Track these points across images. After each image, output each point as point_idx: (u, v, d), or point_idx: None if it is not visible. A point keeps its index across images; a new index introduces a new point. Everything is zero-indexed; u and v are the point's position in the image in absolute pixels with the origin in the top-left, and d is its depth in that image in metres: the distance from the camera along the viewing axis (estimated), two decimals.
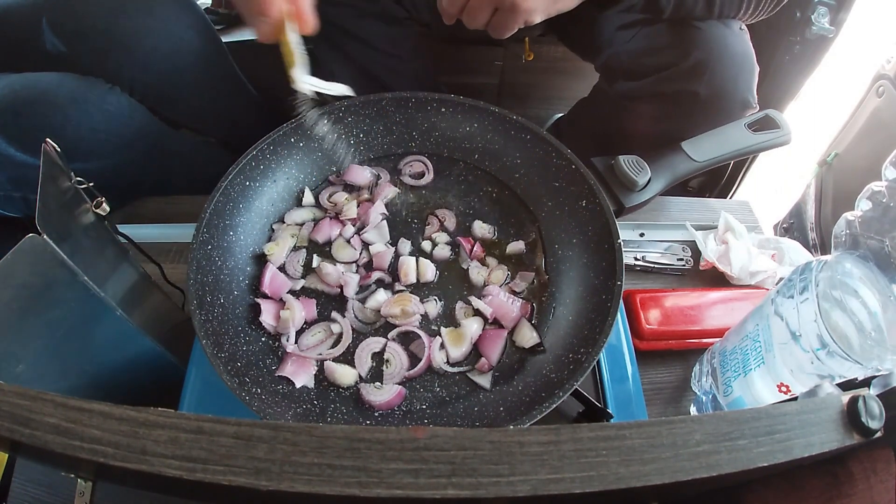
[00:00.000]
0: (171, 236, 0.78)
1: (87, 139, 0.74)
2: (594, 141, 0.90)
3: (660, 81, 0.71)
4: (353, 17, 0.80)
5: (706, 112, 0.71)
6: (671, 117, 0.74)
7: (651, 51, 0.73)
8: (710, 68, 0.68)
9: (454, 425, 0.49)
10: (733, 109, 0.71)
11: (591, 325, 0.52)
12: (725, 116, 0.71)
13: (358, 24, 0.80)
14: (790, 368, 0.49)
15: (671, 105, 0.72)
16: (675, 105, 0.72)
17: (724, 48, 0.68)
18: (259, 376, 0.50)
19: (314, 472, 0.22)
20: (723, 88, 0.69)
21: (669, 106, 0.73)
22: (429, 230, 0.62)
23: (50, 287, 0.42)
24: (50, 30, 0.74)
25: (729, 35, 0.69)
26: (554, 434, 0.24)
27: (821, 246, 0.98)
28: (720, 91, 0.69)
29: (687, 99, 0.70)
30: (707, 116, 0.71)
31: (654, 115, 0.75)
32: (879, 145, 0.89)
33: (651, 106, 0.75)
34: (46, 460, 0.36)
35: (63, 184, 0.47)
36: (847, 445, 0.26)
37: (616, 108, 0.82)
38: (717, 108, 0.70)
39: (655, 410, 0.65)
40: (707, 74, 0.68)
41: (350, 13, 0.79)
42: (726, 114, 0.71)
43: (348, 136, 0.65)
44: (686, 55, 0.68)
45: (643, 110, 0.76)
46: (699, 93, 0.69)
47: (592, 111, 0.91)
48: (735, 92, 0.70)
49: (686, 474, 0.23)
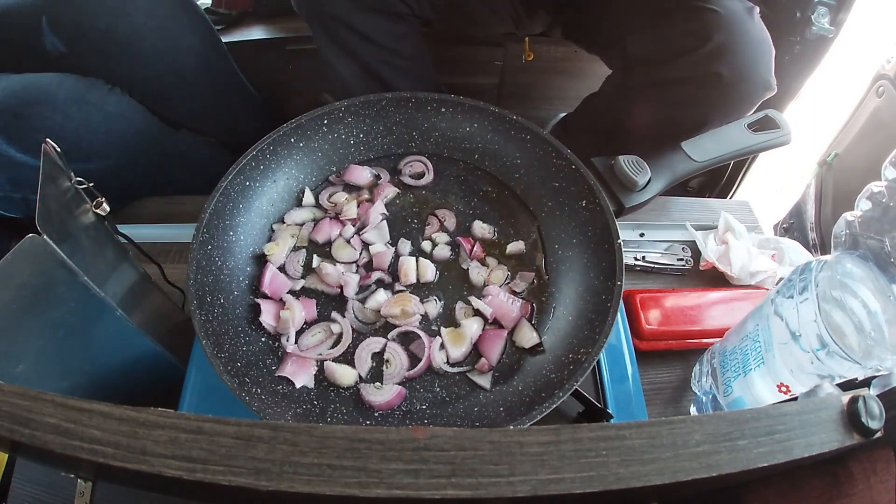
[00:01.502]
0: (171, 236, 0.78)
1: (87, 139, 0.74)
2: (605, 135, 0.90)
3: (682, 66, 0.72)
4: (354, 10, 0.80)
5: (729, 95, 0.71)
6: (695, 102, 0.74)
7: (670, 36, 0.74)
8: (732, 50, 0.69)
9: (454, 425, 0.49)
10: (756, 91, 0.71)
11: (591, 325, 0.52)
12: (748, 99, 0.72)
13: (359, 17, 0.80)
14: (790, 368, 0.49)
15: (694, 89, 0.73)
16: (698, 88, 0.72)
17: (744, 31, 0.69)
18: (259, 376, 0.50)
19: (314, 473, 0.22)
20: (745, 71, 0.70)
21: (692, 90, 0.73)
22: (429, 230, 0.62)
23: (50, 287, 0.42)
24: (50, 30, 0.74)
25: (748, 19, 0.70)
26: (554, 434, 0.24)
27: (821, 246, 0.98)
28: (743, 73, 0.70)
29: (711, 81, 0.70)
30: (730, 99, 0.72)
31: (677, 100, 0.75)
32: (879, 145, 0.89)
33: (673, 92, 0.75)
34: (46, 460, 0.36)
35: (63, 184, 0.47)
36: (847, 445, 0.26)
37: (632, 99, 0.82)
38: (740, 90, 0.71)
39: (655, 410, 0.65)
40: (728, 56, 0.69)
41: (352, 6, 0.79)
42: (749, 96, 0.72)
43: (348, 136, 0.65)
44: (707, 38, 0.69)
45: (665, 97, 0.76)
46: (723, 74, 0.69)
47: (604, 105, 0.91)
48: (756, 74, 0.70)
49: (686, 474, 0.23)
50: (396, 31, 0.84)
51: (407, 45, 0.87)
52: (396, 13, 0.83)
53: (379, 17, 0.82)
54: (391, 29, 0.84)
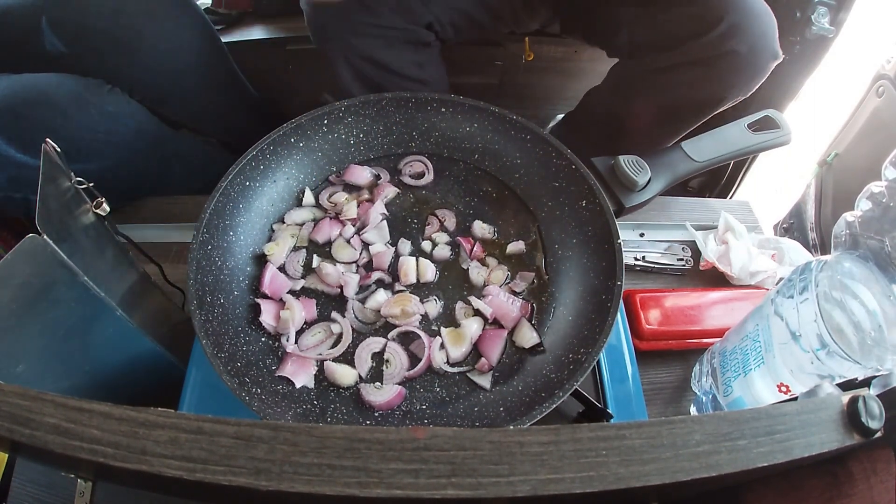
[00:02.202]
0: (171, 236, 0.78)
1: (87, 139, 0.74)
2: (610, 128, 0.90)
3: (693, 49, 0.73)
4: (382, 48, 0.81)
5: (745, 70, 0.73)
6: (709, 81, 0.75)
7: (677, 21, 0.75)
8: (745, 27, 0.70)
9: (454, 425, 0.49)
10: (767, 62, 0.73)
11: (591, 325, 0.52)
12: (760, 71, 0.73)
13: (386, 52, 0.82)
14: (790, 368, 0.49)
15: (710, 68, 0.74)
16: (714, 67, 0.73)
17: (751, 6, 0.71)
18: (259, 376, 0.50)
19: (314, 472, 0.22)
20: (757, 44, 0.71)
21: (706, 70, 0.74)
22: (429, 230, 0.62)
23: (50, 287, 0.42)
24: (50, 30, 0.74)
25: None
26: (554, 434, 0.24)
27: (821, 246, 0.98)
28: (755, 47, 0.71)
29: (727, 59, 0.72)
30: (745, 74, 0.73)
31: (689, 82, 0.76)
32: (879, 145, 0.89)
33: (685, 74, 0.76)
34: (46, 460, 0.35)
35: (63, 184, 0.47)
36: (847, 445, 0.26)
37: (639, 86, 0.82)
38: (754, 63, 0.72)
39: (655, 410, 0.65)
40: (742, 34, 0.70)
41: (379, 44, 0.80)
42: (761, 68, 0.73)
43: (348, 136, 0.65)
44: (719, 19, 0.70)
45: (676, 80, 0.77)
46: (739, 52, 0.71)
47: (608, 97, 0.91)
48: (767, 45, 0.72)
49: (686, 474, 0.23)
50: (420, 59, 0.86)
51: (430, 71, 0.89)
52: (423, 42, 0.84)
53: (406, 49, 0.83)
54: (416, 59, 0.85)
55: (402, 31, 0.81)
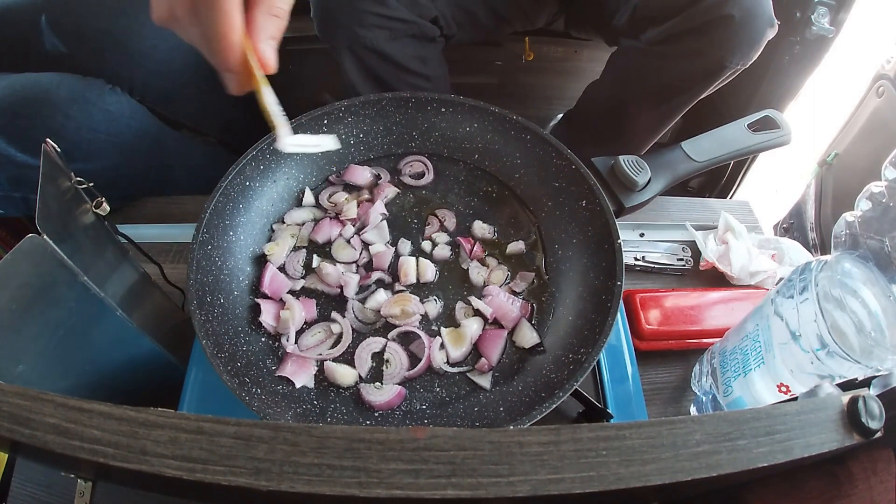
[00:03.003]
0: (171, 236, 0.78)
1: (87, 139, 0.74)
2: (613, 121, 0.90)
3: (692, 16, 0.73)
4: (388, 40, 0.81)
5: (741, 35, 0.72)
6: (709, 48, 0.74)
7: None
8: None
9: (454, 425, 0.49)
10: (763, 28, 0.73)
11: (591, 325, 0.52)
12: (757, 37, 0.73)
13: (391, 45, 0.82)
14: (790, 368, 0.49)
15: (705, 34, 0.73)
16: (709, 33, 0.73)
17: None
18: (259, 376, 0.50)
19: (314, 473, 0.22)
20: (751, 8, 0.71)
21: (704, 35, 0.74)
22: (429, 230, 0.62)
23: (50, 287, 0.42)
24: (50, 29, 0.74)
25: None
26: (554, 434, 0.24)
27: (821, 246, 0.98)
28: (750, 11, 0.71)
29: (722, 24, 0.71)
30: (742, 39, 0.72)
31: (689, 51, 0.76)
32: (879, 145, 0.89)
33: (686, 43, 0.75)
34: (46, 460, 0.36)
35: (63, 184, 0.47)
36: (847, 446, 0.26)
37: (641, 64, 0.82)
38: (750, 27, 0.72)
39: (655, 410, 0.65)
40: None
41: (384, 36, 0.80)
42: (758, 34, 0.73)
43: (348, 136, 0.66)
44: None
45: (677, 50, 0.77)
46: (734, 15, 0.70)
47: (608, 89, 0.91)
48: (762, 10, 0.71)
49: (686, 474, 0.23)
50: (424, 54, 0.86)
51: (433, 66, 0.89)
52: (428, 37, 0.85)
53: (411, 43, 0.83)
54: (420, 53, 0.85)
55: (407, 24, 0.81)
